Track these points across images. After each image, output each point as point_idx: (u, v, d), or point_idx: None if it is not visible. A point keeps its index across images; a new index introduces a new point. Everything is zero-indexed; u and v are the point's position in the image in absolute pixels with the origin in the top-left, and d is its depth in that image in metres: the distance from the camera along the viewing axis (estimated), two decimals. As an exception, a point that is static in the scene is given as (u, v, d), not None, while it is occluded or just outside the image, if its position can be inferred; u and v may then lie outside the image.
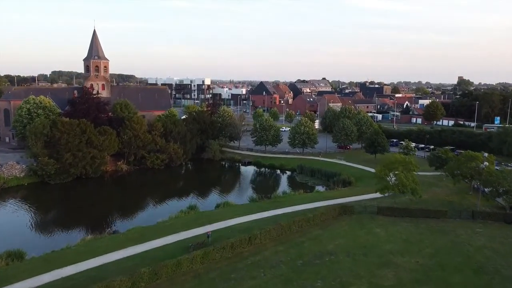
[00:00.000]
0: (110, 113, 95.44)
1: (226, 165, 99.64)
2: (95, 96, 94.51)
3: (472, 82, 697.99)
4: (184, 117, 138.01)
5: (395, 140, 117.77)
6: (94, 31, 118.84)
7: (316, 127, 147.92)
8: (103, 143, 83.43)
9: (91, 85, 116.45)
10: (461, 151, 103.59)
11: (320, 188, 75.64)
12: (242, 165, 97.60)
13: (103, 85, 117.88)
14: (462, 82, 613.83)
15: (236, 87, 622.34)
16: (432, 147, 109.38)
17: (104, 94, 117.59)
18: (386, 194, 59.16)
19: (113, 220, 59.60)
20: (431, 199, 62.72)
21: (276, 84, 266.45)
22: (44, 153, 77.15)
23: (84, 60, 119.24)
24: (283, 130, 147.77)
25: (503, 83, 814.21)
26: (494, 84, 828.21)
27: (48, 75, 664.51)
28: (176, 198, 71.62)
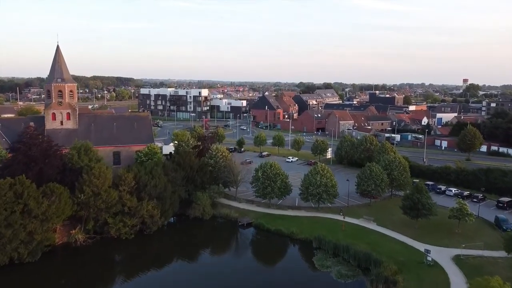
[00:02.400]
0: (66, 161, 72.43)
1: (219, 225, 76.44)
2: (42, 139, 71.29)
3: (481, 87, 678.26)
4: (171, 145, 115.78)
5: (430, 184, 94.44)
6: (58, 48, 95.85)
7: (329, 157, 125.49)
8: (48, 210, 60.43)
9: (53, 114, 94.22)
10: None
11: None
12: (239, 226, 74.42)
13: (68, 114, 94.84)
14: (471, 87, 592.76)
15: (238, 90, 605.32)
16: (481, 196, 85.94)
17: (70, 125, 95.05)
18: None
19: None
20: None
21: (280, 96, 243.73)
22: (-44, 233, 54.35)
23: (45, 83, 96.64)
24: (290, 160, 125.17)
25: (508, 85, 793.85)
26: (499, 86, 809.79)
27: (45, 78, 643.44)
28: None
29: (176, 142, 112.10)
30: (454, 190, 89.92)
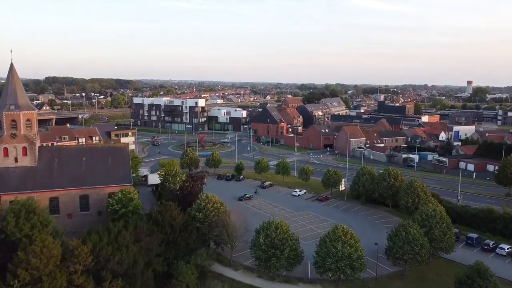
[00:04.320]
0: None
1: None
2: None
3: (489, 91, 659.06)
4: (157, 175, 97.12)
5: (475, 237, 75.61)
6: (12, 66, 77.69)
7: (342, 188, 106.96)
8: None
9: (5, 149, 76.05)
10: None
11: None
12: (234, 311, 55.88)
13: (24, 148, 76.84)
14: (478, 90, 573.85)
15: (238, 94, 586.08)
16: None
17: (27, 161, 77.25)
18: None
19: None
20: None
21: (283, 107, 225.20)
22: None
23: (-5, 111, 78.64)
24: (297, 194, 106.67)
25: (511, 87, 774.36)
26: (503, 88, 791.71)
27: (42, 80, 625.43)
28: None
29: (162, 173, 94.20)
30: (507, 248, 71.18)
